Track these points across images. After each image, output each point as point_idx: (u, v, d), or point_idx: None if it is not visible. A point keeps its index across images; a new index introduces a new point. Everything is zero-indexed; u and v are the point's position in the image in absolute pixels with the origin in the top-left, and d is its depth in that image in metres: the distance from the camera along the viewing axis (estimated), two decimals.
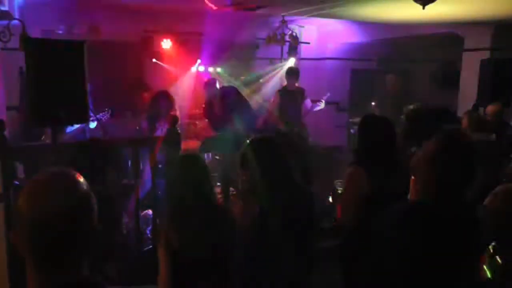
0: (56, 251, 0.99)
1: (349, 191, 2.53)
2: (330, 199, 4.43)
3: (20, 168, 3.52)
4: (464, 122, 4.07)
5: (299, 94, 6.07)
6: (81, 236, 1.02)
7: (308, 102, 6.10)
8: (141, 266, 3.18)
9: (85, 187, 1.04)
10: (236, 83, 6.73)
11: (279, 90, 6.13)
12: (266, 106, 6.31)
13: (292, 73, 6.00)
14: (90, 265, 1.06)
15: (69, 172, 1.06)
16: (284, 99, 5.89)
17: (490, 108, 4.78)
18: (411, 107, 3.68)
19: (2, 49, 3.65)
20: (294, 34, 6.68)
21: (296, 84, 6.03)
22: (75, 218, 1.00)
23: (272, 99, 6.01)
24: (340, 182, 3.07)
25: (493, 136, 4.30)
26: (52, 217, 0.97)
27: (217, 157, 5.70)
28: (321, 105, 6.21)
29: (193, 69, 7.17)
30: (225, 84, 6.42)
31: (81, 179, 1.05)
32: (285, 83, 6.16)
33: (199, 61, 7.11)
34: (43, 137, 4.12)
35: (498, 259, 1.80)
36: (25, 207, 0.99)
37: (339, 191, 2.94)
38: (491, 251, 1.82)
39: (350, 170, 2.55)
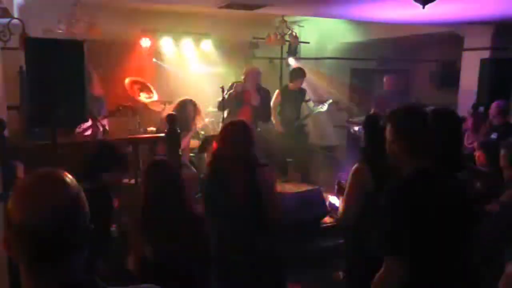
0: (48, 252, 0.98)
1: (352, 187, 2.54)
2: (330, 198, 4.43)
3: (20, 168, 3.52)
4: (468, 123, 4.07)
5: (300, 95, 6.07)
6: (72, 236, 1.00)
7: (309, 106, 6.13)
8: None
9: (74, 186, 1.02)
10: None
11: (280, 89, 6.12)
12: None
13: (299, 74, 5.98)
14: (85, 264, 1.05)
15: (57, 172, 1.04)
16: (285, 98, 5.88)
17: (498, 104, 4.79)
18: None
19: (2, 48, 3.64)
20: (294, 33, 6.67)
21: (300, 85, 6.03)
22: (64, 218, 0.98)
23: (274, 98, 5.99)
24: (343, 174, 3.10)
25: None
26: (42, 219, 0.96)
27: None
28: (324, 107, 6.21)
29: (193, 68, 7.17)
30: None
31: (70, 179, 1.03)
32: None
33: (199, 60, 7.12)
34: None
35: None
36: (14, 210, 0.97)
37: (343, 184, 2.96)
38: None
39: (355, 166, 2.56)
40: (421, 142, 1.81)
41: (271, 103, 5.86)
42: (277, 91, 6.08)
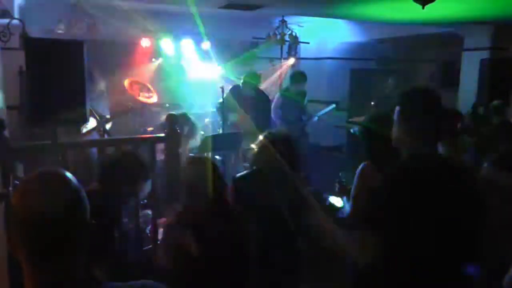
0: (50, 249, 1.00)
1: (358, 187, 2.53)
2: (330, 198, 4.43)
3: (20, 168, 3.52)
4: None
5: (301, 97, 6.08)
6: (74, 233, 1.03)
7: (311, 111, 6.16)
8: (140, 266, 3.18)
9: (76, 185, 1.05)
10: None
11: (281, 93, 6.13)
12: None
13: (300, 79, 5.97)
14: (86, 262, 1.07)
15: (59, 171, 1.08)
16: (286, 101, 5.89)
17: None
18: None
19: (2, 48, 3.64)
20: (293, 33, 6.68)
21: (301, 88, 6.05)
22: (66, 216, 1.01)
23: (275, 101, 6.00)
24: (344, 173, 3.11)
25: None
26: (44, 216, 0.98)
27: (217, 157, 5.71)
28: (323, 113, 6.24)
29: (193, 68, 7.18)
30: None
31: (72, 178, 1.06)
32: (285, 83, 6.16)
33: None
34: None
35: None
36: (18, 207, 1.00)
37: (344, 182, 2.95)
38: None
39: (361, 166, 2.55)
40: (422, 124, 1.76)
41: (272, 106, 5.86)
42: (277, 94, 6.08)
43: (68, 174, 1.07)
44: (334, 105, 6.32)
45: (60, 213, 1.00)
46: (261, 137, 2.63)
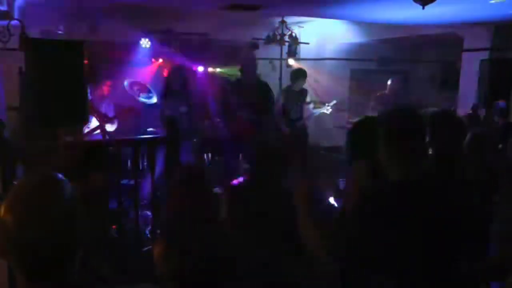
0: (44, 256, 0.98)
1: (350, 185, 2.53)
2: (332, 199, 4.43)
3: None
4: None
5: (302, 95, 6.10)
6: (68, 240, 1.01)
7: (309, 108, 6.17)
8: (139, 266, 3.18)
9: (68, 189, 1.03)
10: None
11: (283, 90, 6.13)
12: None
13: (300, 75, 5.98)
14: (82, 265, 1.05)
15: (52, 175, 1.05)
16: (288, 99, 5.90)
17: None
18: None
19: (2, 49, 3.64)
20: (293, 34, 6.67)
21: (302, 86, 6.06)
22: (60, 221, 0.99)
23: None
24: (343, 180, 3.11)
25: None
26: (37, 222, 0.96)
27: (216, 158, 5.70)
28: (328, 109, 6.29)
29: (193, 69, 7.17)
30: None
31: (65, 182, 1.04)
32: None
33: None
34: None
35: None
36: (10, 222, 0.96)
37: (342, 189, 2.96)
38: None
39: (353, 164, 2.55)
40: (408, 148, 1.67)
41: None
42: (281, 91, 6.10)
43: (62, 181, 1.04)
44: (335, 101, 6.37)
45: (53, 220, 0.98)
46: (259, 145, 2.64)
